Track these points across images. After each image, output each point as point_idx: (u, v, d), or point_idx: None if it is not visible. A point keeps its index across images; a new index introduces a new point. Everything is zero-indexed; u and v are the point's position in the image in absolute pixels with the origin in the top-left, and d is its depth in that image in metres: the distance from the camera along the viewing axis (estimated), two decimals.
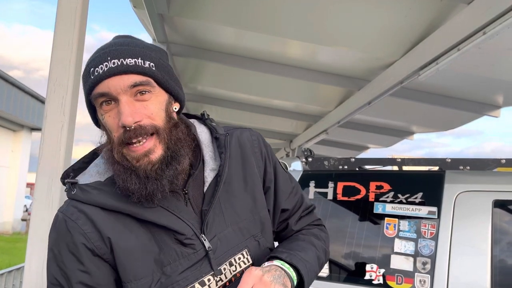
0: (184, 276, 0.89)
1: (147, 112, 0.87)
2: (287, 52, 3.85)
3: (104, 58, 0.87)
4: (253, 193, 1.01)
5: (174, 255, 0.90)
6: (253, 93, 5.07)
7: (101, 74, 0.86)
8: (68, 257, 0.89)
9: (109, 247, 0.89)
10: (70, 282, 0.88)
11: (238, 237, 0.97)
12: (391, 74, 3.48)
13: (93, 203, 0.90)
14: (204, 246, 0.92)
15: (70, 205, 0.92)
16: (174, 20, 3.41)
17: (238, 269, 0.95)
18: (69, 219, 0.90)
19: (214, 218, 0.95)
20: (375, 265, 1.93)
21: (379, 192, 2.06)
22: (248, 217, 0.99)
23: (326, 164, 2.27)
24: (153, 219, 0.89)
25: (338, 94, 4.65)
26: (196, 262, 0.91)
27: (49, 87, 1.42)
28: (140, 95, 0.87)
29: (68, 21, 1.47)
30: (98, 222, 0.89)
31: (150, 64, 0.89)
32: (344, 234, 2.04)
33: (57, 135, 1.42)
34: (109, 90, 0.86)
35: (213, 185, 0.97)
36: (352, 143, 6.98)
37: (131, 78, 0.86)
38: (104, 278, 0.90)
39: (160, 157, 0.88)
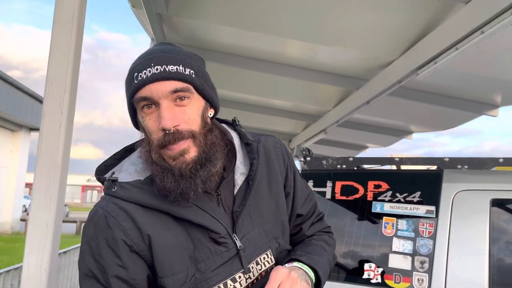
0: (217, 273, 0.95)
1: (185, 117, 0.93)
2: (286, 51, 3.85)
3: (148, 64, 0.92)
4: (276, 198, 1.09)
5: (208, 252, 0.95)
6: (252, 92, 5.07)
7: (145, 79, 0.91)
8: (106, 251, 0.92)
9: (147, 244, 0.93)
10: (107, 275, 0.91)
11: (263, 238, 1.04)
12: (389, 73, 3.48)
13: (133, 201, 0.94)
14: (236, 245, 0.98)
15: (110, 202, 0.96)
16: (172, 19, 3.41)
17: (263, 268, 1.02)
18: (110, 215, 0.93)
19: (244, 219, 1.01)
20: (373, 264, 1.93)
21: (377, 191, 2.06)
22: (271, 219, 1.07)
23: (324, 163, 2.27)
24: (189, 217, 0.94)
25: (336, 94, 4.65)
26: (228, 260, 0.97)
27: (47, 86, 1.42)
28: (180, 101, 0.93)
29: (65, 20, 1.47)
30: (138, 220, 0.93)
31: (190, 71, 0.94)
32: (343, 233, 2.05)
33: (55, 134, 1.42)
34: (151, 95, 0.91)
35: (243, 188, 1.03)
36: (351, 143, 6.98)
37: (172, 84, 0.91)
38: (139, 273, 0.93)
39: (195, 158, 0.93)
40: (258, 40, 3.63)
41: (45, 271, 1.35)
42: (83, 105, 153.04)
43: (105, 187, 0.98)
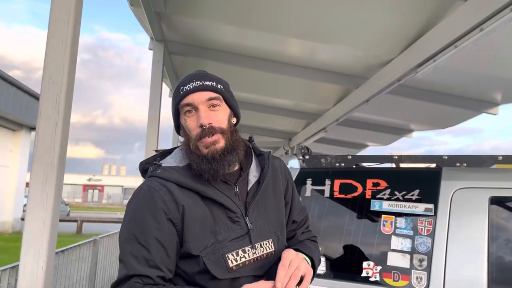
0: (231, 243, 1.20)
1: (217, 118, 1.23)
2: (286, 50, 3.84)
3: (191, 80, 1.26)
4: (278, 202, 1.36)
5: (225, 227, 1.21)
6: (252, 91, 5.07)
7: (188, 90, 1.24)
8: (148, 217, 1.17)
9: (180, 213, 1.18)
10: (147, 236, 1.15)
11: (266, 229, 1.29)
12: (388, 71, 3.47)
13: (172, 180, 1.21)
14: (247, 225, 1.24)
15: (154, 181, 1.22)
16: (171, 18, 3.41)
17: (265, 251, 1.26)
18: (154, 190, 1.19)
19: (253, 209, 1.28)
20: (372, 262, 1.93)
21: (375, 189, 2.06)
22: (274, 217, 1.33)
23: (323, 161, 2.26)
24: (214, 197, 1.21)
25: (336, 92, 4.65)
26: (240, 236, 1.22)
27: (43, 85, 1.42)
28: (213, 107, 1.24)
29: (62, 19, 1.47)
30: (175, 194, 1.19)
31: (221, 86, 1.28)
32: (341, 231, 2.04)
33: (51, 133, 1.42)
34: (193, 101, 1.23)
35: (255, 187, 1.31)
36: (351, 141, 6.98)
37: (208, 94, 1.23)
38: (170, 237, 1.17)
39: (223, 146, 1.22)
40: (258, 39, 3.63)
41: (42, 269, 1.35)
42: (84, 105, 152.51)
43: (151, 170, 1.26)
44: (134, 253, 1.15)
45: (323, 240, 2.05)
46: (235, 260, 1.20)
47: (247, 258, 1.22)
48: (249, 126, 6.91)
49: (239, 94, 5.28)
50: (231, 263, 1.19)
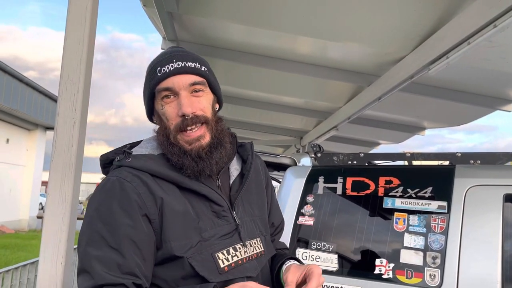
0: (220, 241, 1.05)
1: (200, 106, 1.07)
2: (297, 48, 3.84)
3: (170, 60, 1.07)
4: (261, 199, 1.24)
5: (211, 223, 1.06)
6: (262, 90, 5.08)
7: (168, 72, 1.05)
8: (118, 213, 0.97)
9: (159, 208, 1.00)
10: (118, 236, 0.95)
11: (253, 227, 1.16)
12: (401, 69, 3.45)
13: (145, 170, 1.04)
14: (236, 220, 1.10)
15: (123, 170, 1.04)
16: (183, 18, 3.43)
17: (255, 251, 1.13)
18: (125, 180, 1.01)
19: (239, 205, 1.14)
20: (384, 259, 1.93)
21: (388, 187, 2.06)
22: (259, 215, 1.20)
23: (335, 159, 2.27)
24: (196, 188, 1.06)
25: (348, 90, 4.63)
26: (229, 232, 1.08)
27: (61, 85, 1.45)
28: (195, 92, 1.08)
29: (78, 20, 1.50)
30: (151, 186, 1.02)
31: (205, 68, 1.11)
32: (353, 229, 2.05)
33: (69, 132, 1.45)
34: (173, 86, 1.06)
35: (237, 180, 1.18)
36: (362, 139, 6.94)
37: (191, 78, 1.07)
38: (147, 237, 0.99)
39: (209, 142, 1.08)
40: (268, 37, 3.63)
41: (61, 265, 1.38)
42: (97, 104, 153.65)
43: (118, 159, 1.07)
44: (102, 258, 0.93)
45: (335, 237, 2.06)
46: (226, 259, 1.03)
47: (239, 257, 1.06)
48: (259, 125, 6.93)
49: (249, 93, 5.30)
50: (222, 263, 1.02)
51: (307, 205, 2.15)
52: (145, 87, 1.11)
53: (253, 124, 6.94)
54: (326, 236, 2.06)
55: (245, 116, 6.59)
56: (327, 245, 2.03)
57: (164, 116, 1.07)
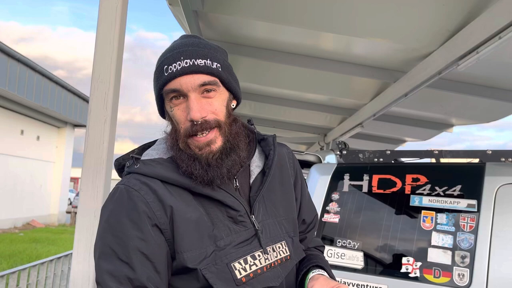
0: (236, 250, 0.96)
1: (211, 108, 0.97)
2: (321, 45, 3.82)
3: (177, 57, 0.96)
4: (288, 196, 1.12)
5: (227, 230, 0.97)
6: (286, 87, 5.07)
7: (175, 72, 0.95)
8: (127, 225, 0.92)
9: (169, 216, 0.94)
10: (127, 249, 0.91)
11: (277, 229, 1.06)
12: (428, 65, 3.39)
13: (155, 176, 0.96)
14: (254, 225, 1.01)
15: (131, 178, 0.98)
16: (208, 16, 3.47)
17: (279, 256, 1.03)
18: (132, 189, 0.95)
19: (259, 206, 1.04)
20: (411, 258, 1.91)
21: (415, 184, 2.03)
22: (284, 215, 1.09)
23: (361, 156, 2.25)
24: (209, 193, 0.97)
25: (373, 87, 4.57)
26: (247, 239, 0.99)
27: (93, 84, 1.50)
28: (206, 93, 0.97)
29: (109, 20, 1.55)
30: (160, 193, 0.95)
31: (217, 65, 0.98)
32: (379, 226, 2.03)
33: (100, 129, 1.50)
34: (181, 87, 0.95)
35: (259, 179, 1.07)
36: (388, 137, 6.84)
37: (201, 77, 0.95)
38: (159, 248, 0.93)
39: (220, 147, 0.97)
40: (292, 34, 3.63)
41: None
42: (123, 103, 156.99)
43: (127, 166, 1.01)
44: (113, 272, 0.90)
45: (361, 235, 2.05)
46: (244, 269, 0.95)
47: (258, 266, 0.98)
48: (283, 122, 6.92)
49: (273, 90, 5.30)
50: (239, 274, 0.94)
51: (332, 203, 2.14)
52: (154, 86, 1.02)
53: (276, 122, 6.94)
54: (351, 233, 2.05)
55: (268, 114, 6.60)
56: (353, 243, 2.02)
57: (173, 118, 0.99)
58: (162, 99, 1.01)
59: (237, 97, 1.06)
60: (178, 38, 1.05)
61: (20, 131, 15.05)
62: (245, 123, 1.12)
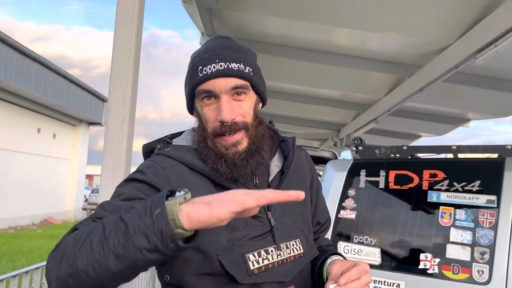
0: (251, 242, 1.01)
1: (241, 111, 1.02)
2: (335, 40, 3.80)
3: (213, 59, 1.01)
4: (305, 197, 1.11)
5: (243, 223, 1.01)
6: (299, 83, 5.05)
7: (209, 74, 1.00)
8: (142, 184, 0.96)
9: None
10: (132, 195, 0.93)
11: (292, 227, 1.10)
12: (445, 58, 3.34)
13: (183, 161, 1.02)
14: (270, 222, 1.05)
15: (161, 157, 1.02)
16: (222, 13, 3.47)
17: (292, 253, 1.07)
18: (160, 166, 0.99)
19: (276, 204, 1.07)
20: (429, 254, 1.89)
21: (433, 180, 2.01)
22: (300, 214, 1.13)
23: (377, 152, 2.24)
24: (230, 186, 1.01)
25: (388, 82, 4.53)
26: (263, 234, 1.03)
27: (111, 83, 1.52)
28: (237, 96, 1.02)
29: (127, 21, 1.56)
30: (186, 177, 1.00)
31: (249, 69, 1.03)
32: (396, 223, 2.01)
33: (119, 126, 1.52)
34: (214, 89, 1.00)
35: (277, 178, 1.11)
36: (403, 132, 6.77)
37: (234, 81, 1.00)
38: None
39: (246, 148, 1.02)
40: (306, 30, 3.61)
41: None
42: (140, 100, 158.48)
43: (158, 148, 1.05)
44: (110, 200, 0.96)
45: (378, 231, 2.04)
46: (257, 262, 1.00)
47: (270, 261, 1.02)
48: (296, 118, 6.90)
49: (286, 86, 5.28)
50: (252, 265, 0.98)
51: (348, 199, 2.14)
52: (186, 83, 1.07)
53: (289, 118, 6.92)
54: (368, 229, 2.04)
55: (281, 110, 6.59)
56: (369, 239, 2.02)
57: (203, 117, 1.04)
58: (193, 96, 1.05)
59: (263, 100, 1.11)
60: (211, 38, 1.09)
61: (37, 129, 15.31)
62: (269, 125, 1.16)
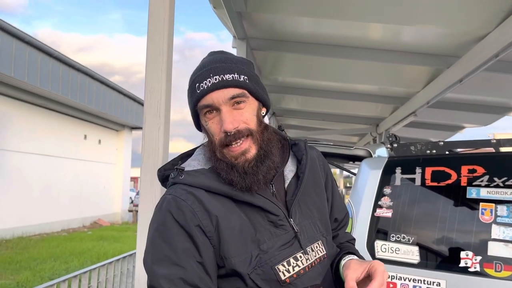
0: (279, 252, 1.03)
1: (243, 119, 1.04)
2: (368, 35, 3.74)
3: (207, 75, 1.04)
4: (320, 198, 1.18)
5: (268, 234, 1.03)
6: (334, 79, 5.01)
7: (205, 89, 1.03)
8: (177, 231, 0.99)
9: (214, 225, 1.00)
10: (178, 253, 0.98)
11: (313, 230, 1.12)
12: (483, 47, 3.21)
13: (199, 186, 1.03)
14: (294, 228, 1.07)
15: (178, 188, 1.04)
16: (252, 16, 3.51)
17: (317, 255, 1.09)
18: (180, 199, 1.01)
19: (296, 209, 1.10)
20: (470, 252, 1.85)
21: (472, 176, 1.95)
22: (317, 216, 1.15)
23: (412, 149, 2.20)
24: (250, 200, 1.04)
25: (425, 74, 4.40)
26: (288, 242, 1.05)
27: (146, 94, 1.60)
28: (237, 105, 1.04)
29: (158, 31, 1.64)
30: (206, 203, 1.01)
31: (244, 77, 1.06)
32: (435, 220, 1.98)
33: (155, 135, 1.60)
34: (213, 102, 1.03)
35: (293, 183, 1.13)
36: (444, 124, 6.55)
37: (230, 91, 1.03)
38: (207, 252, 1.00)
39: (255, 155, 1.04)
40: (337, 27, 3.58)
41: None
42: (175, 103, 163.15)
43: (172, 177, 1.08)
44: (168, 276, 0.97)
45: (415, 229, 2.01)
46: (287, 271, 1.02)
47: (301, 266, 1.04)
48: (333, 114, 6.84)
49: (321, 83, 5.26)
50: (283, 275, 1.01)
51: (384, 197, 2.12)
52: (188, 102, 1.11)
53: (326, 114, 6.87)
54: (405, 228, 2.01)
55: (317, 107, 6.55)
56: (407, 237, 1.99)
57: (209, 131, 1.06)
58: (197, 114, 1.09)
59: (266, 105, 1.12)
60: (206, 55, 1.14)
61: (83, 136, 16.05)
62: (276, 129, 1.19)
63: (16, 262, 8.55)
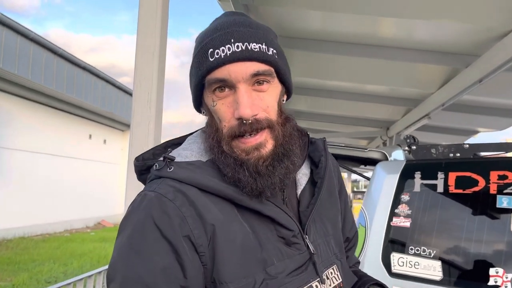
0: (291, 279, 0.78)
1: (263, 105, 0.79)
2: (379, 31, 3.55)
3: (226, 39, 0.77)
4: (335, 212, 0.97)
5: (278, 254, 0.79)
6: (343, 79, 4.83)
7: (223, 58, 0.76)
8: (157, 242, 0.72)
9: (209, 236, 0.75)
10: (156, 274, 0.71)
11: (328, 252, 0.89)
12: (506, 46, 3.01)
13: (193, 183, 0.77)
14: (309, 248, 0.83)
15: (163, 184, 0.77)
16: (259, 9, 3.35)
17: (332, 284, 0.86)
18: (165, 198, 0.75)
19: (310, 224, 0.86)
20: (500, 269, 1.64)
21: (502, 183, 1.74)
22: (332, 233, 0.93)
23: (433, 152, 1.99)
24: (259, 208, 0.79)
25: (440, 74, 4.19)
26: (302, 265, 0.81)
27: (135, 82, 1.42)
28: (258, 85, 0.79)
29: (149, 24, 1.47)
30: (199, 206, 0.75)
31: (274, 51, 0.81)
32: (460, 232, 1.77)
33: (145, 130, 1.42)
34: (229, 77, 0.77)
35: (307, 190, 0.89)
36: (457, 128, 6.32)
37: (255, 66, 0.77)
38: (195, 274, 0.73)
39: (271, 152, 0.79)
40: (347, 22, 3.40)
41: None
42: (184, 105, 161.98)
43: (157, 168, 0.81)
44: None
45: (437, 241, 1.80)
46: None
47: None
48: (341, 116, 6.64)
49: (329, 83, 5.07)
50: None
51: (402, 205, 1.91)
52: (192, 72, 0.83)
53: (334, 116, 6.68)
54: (426, 239, 1.80)
55: (325, 108, 6.36)
56: (428, 250, 1.78)
57: (215, 114, 0.80)
58: (201, 89, 0.82)
59: (289, 91, 0.88)
60: (221, 15, 0.85)
61: (88, 135, 15.97)
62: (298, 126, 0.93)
63: (15, 263, 8.46)
